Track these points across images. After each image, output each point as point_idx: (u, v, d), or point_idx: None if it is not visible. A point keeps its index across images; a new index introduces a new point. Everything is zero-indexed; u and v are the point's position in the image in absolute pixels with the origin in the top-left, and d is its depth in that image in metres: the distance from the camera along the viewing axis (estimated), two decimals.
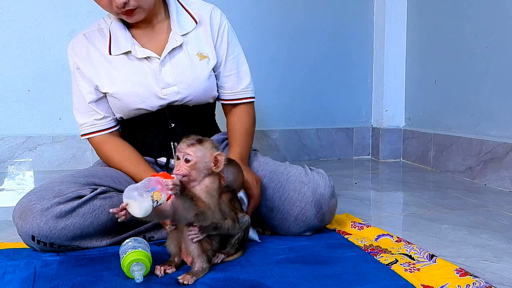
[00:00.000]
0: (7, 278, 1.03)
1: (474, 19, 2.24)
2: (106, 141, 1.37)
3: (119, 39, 1.34)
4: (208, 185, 1.04)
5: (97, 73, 1.34)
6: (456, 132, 2.36)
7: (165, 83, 1.34)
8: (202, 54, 1.38)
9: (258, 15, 2.65)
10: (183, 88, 1.35)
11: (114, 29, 1.36)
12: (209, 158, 1.03)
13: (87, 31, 1.39)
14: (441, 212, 1.64)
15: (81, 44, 1.37)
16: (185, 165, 1.01)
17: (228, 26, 1.45)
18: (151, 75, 1.33)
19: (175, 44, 1.34)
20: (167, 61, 1.34)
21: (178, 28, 1.37)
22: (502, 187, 1.99)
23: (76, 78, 1.36)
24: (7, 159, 2.46)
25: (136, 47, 1.34)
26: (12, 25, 2.45)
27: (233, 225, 1.10)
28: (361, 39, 2.89)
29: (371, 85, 2.93)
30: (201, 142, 1.03)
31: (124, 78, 1.33)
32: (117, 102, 1.34)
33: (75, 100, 1.38)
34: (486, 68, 2.16)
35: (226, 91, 1.44)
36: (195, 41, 1.39)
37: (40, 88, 2.50)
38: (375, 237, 1.32)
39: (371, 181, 2.32)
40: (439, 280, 1.01)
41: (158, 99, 1.34)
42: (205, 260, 1.05)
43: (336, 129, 2.89)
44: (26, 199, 1.17)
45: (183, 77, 1.35)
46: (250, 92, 1.46)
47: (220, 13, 1.44)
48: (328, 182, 1.31)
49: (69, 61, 1.38)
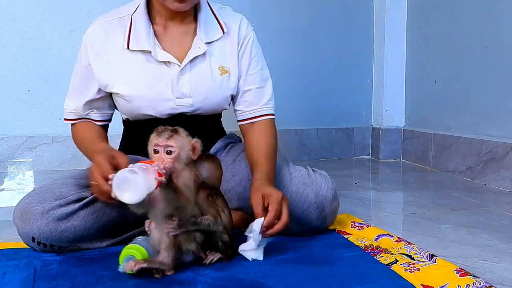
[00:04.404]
0: (7, 278, 1.03)
1: (474, 19, 2.24)
2: (82, 125, 1.33)
3: (140, 34, 1.25)
4: (186, 177, 1.02)
5: (109, 72, 1.26)
6: (456, 132, 2.36)
7: (181, 93, 1.27)
8: (224, 69, 1.31)
9: (258, 15, 2.65)
10: (197, 101, 1.29)
11: (138, 20, 1.26)
12: (188, 146, 1.02)
13: (105, 20, 1.29)
14: (441, 212, 1.64)
15: (98, 37, 1.27)
16: (168, 157, 0.99)
17: (253, 38, 1.37)
18: (167, 82, 1.26)
19: (198, 52, 1.27)
20: (187, 71, 1.27)
21: (204, 35, 1.29)
22: (502, 187, 1.99)
23: (82, 71, 1.30)
24: (7, 159, 2.46)
25: (157, 48, 1.26)
26: (12, 25, 2.45)
27: (215, 221, 1.07)
28: (361, 39, 2.89)
29: (371, 85, 2.93)
30: (177, 132, 1.02)
31: (138, 80, 1.26)
32: (125, 104, 1.29)
33: (71, 89, 1.33)
34: (486, 68, 2.16)
35: (245, 107, 1.35)
36: (220, 52, 1.31)
37: (40, 88, 2.50)
38: (375, 237, 1.32)
39: (371, 181, 2.32)
40: (439, 280, 1.01)
41: (170, 107, 1.28)
42: (170, 256, 1.01)
43: (336, 129, 2.89)
44: (27, 200, 1.16)
45: (200, 90, 1.29)
46: (271, 109, 1.37)
47: (247, 24, 1.37)
48: (330, 184, 1.31)
49: (81, 51, 1.30)
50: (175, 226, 1.01)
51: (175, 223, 1.01)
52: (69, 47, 2.47)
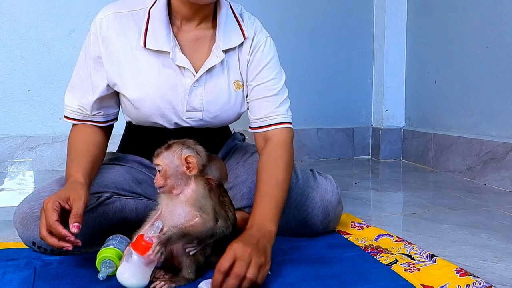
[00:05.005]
0: (7, 278, 1.03)
1: (474, 19, 2.24)
2: (81, 130, 1.23)
3: (159, 32, 1.13)
4: (192, 195, 0.97)
5: (120, 71, 1.16)
6: (456, 132, 2.36)
7: (191, 107, 1.18)
8: (239, 83, 1.22)
9: (257, 15, 2.64)
10: (207, 117, 1.21)
11: (157, 15, 1.14)
12: (177, 162, 0.96)
13: (120, 11, 1.16)
14: (441, 212, 1.64)
15: (112, 30, 1.15)
16: (158, 175, 0.97)
17: (267, 45, 1.24)
18: (179, 91, 1.17)
19: (215, 61, 1.16)
20: (202, 82, 1.17)
21: (223, 41, 1.17)
22: (502, 187, 1.99)
23: (90, 65, 1.18)
24: (7, 159, 2.46)
25: (177, 50, 1.14)
26: (12, 25, 2.45)
27: (226, 224, 1.04)
28: (361, 39, 2.89)
29: (371, 85, 2.94)
30: (168, 148, 0.97)
31: (148, 86, 1.16)
32: (131, 108, 1.20)
33: (75, 81, 1.21)
34: (486, 68, 2.16)
35: (257, 115, 1.22)
36: (236, 63, 1.21)
37: (40, 88, 2.50)
38: (375, 237, 1.32)
39: (371, 181, 2.32)
40: (439, 280, 1.01)
41: (178, 119, 1.20)
42: (192, 271, 0.99)
43: (336, 129, 2.89)
44: (28, 205, 1.13)
45: (212, 107, 1.20)
46: (285, 117, 1.21)
47: (261, 29, 1.26)
48: (335, 189, 1.28)
49: (90, 41, 1.17)
50: (195, 245, 0.97)
51: (195, 242, 0.97)
52: (69, 47, 2.47)
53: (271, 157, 1.16)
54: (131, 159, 1.34)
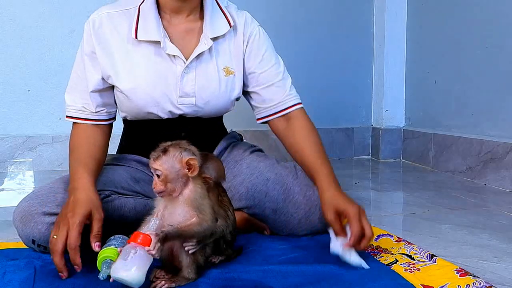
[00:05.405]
0: (7, 278, 1.03)
1: (474, 19, 2.24)
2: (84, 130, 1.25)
3: (149, 23, 1.21)
4: (190, 195, 0.97)
5: (113, 63, 1.22)
6: (456, 132, 2.36)
7: (183, 92, 1.23)
8: (229, 69, 1.28)
9: (257, 14, 2.64)
10: (200, 103, 1.26)
11: (146, 10, 1.22)
12: (179, 166, 0.95)
13: (112, 10, 1.24)
14: (441, 212, 1.64)
15: (105, 27, 1.22)
16: (158, 180, 0.96)
17: (260, 33, 1.34)
18: (171, 78, 1.22)
19: (203, 48, 1.23)
20: (192, 69, 1.23)
21: (210, 30, 1.25)
22: (502, 187, 1.99)
23: (85, 61, 1.23)
24: (7, 159, 2.46)
25: (167, 40, 1.21)
26: (12, 25, 2.45)
27: (226, 223, 1.05)
28: (361, 39, 2.89)
29: (371, 85, 2.94)
30: (166, 152, 0.96)
31: (141, 75, 1.21)
32: (125, 100, 1.24)
33: (74, 81, 1.26)
34: (486, 68, 2.16)
35: (268, 104, 1.33)
36: (225, 52, 1.28)
37: (40, 88, 2.50)
38: (375, 237, 1.31)
39: (371, 181, 2.32)
40: (439, 280, 1.01)
41: (172, 106, 1.24)
42: (193, 271, 0.99)
43: (336, 129, 2.89)
44: (27, 203, 1.13)
45: (203, 92, 1.25)
46: (298, 98, 1.36)
47: (252, 20, 1.35)
48: None
49: (84, 40, 1.24)
50: (194, 244, 0.97)
51: (194, 240, 0.97)
52: (69, 47, 2.47)
53: (305, 130, 1.31)
54: (129, 158, 1.35)
